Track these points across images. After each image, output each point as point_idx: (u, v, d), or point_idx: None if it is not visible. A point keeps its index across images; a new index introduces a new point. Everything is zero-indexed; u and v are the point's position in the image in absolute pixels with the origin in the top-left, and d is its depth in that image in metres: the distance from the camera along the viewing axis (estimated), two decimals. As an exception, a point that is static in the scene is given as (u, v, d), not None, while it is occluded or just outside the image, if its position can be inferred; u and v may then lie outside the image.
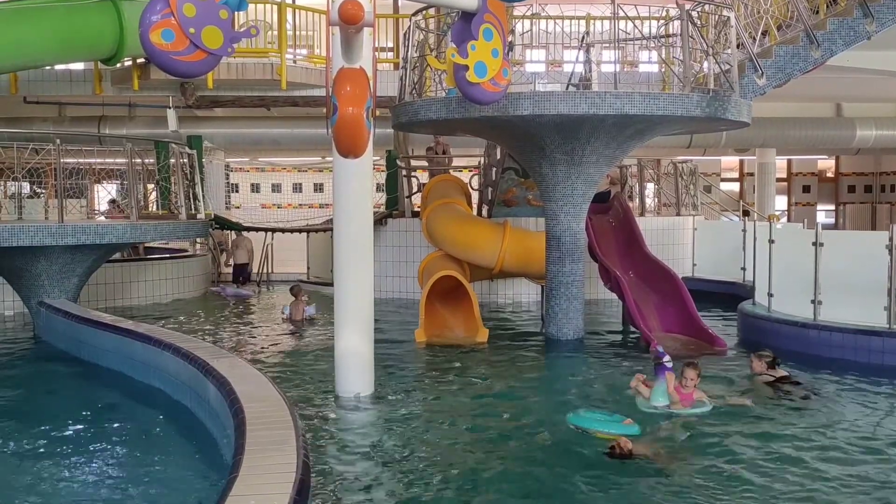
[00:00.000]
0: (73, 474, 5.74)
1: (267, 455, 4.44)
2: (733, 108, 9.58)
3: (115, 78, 15.13)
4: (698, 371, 7.18)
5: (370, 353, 7.80)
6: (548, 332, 10.63)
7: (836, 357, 8.92)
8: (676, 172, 16.02)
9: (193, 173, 13.20)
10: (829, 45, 11.11)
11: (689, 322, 10.40)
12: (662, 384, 7.15)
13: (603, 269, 11.20)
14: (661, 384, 7.16)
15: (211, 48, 5.33)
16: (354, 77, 5.71)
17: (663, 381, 7.16)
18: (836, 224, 26.94)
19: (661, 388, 7.15)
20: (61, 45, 12.31)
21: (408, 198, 14.91)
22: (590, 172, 10.16)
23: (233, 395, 5.72)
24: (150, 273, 14.51)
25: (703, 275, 14.62)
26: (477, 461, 5.91)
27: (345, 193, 7.64)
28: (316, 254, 17.22)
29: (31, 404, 7.83)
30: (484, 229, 12.39)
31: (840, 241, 9.87)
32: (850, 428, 6.66)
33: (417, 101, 10.08)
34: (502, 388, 8.10)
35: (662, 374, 7.18)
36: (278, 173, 23.24)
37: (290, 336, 11.21)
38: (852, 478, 5.51)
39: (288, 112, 18.33)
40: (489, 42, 7.66)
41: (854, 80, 16.63)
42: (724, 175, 27.51)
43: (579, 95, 9.13)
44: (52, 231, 9.98)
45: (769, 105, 17.91)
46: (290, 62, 14.82)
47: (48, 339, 10.45)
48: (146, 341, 8.13)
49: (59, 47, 12.38)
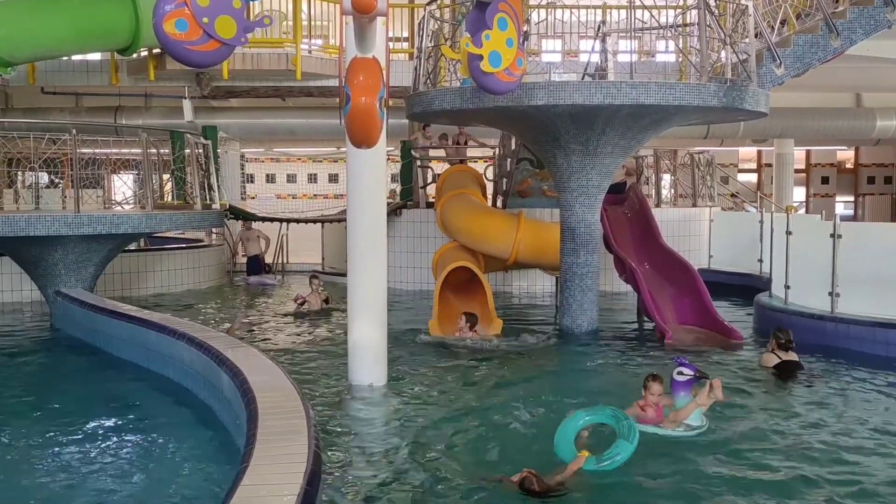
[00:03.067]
0: (85, 463, 5.78)
1: (278, 445, 4.44)
2: (751, 98, 9.47)
3: (131, 68, 15.19)
4: (662, 384, 6.41)
5: (383, 344, 7.80)
6: (562, 324, 10.60)
7: (854, 349, 8.83)
8: (693, 163, 15.90)
9: (208, 163, 13.23)
10: (849, 33, 10.95)
11: (705, 314, 10.33)
12: (688, 398, 6.35)
13: (618, 260, 11.14)
14: (685, 398, 6.36)
15: (224, 38, 5.30)
16: (367, 67, 5.67)
17: (688, 396, 6.37)
18: (855, 215, 26.67)
19: (684, 402, 6.33)
20: (78, 35, 12.38)
21: (422, 188, 14.88)
22: (605, 163, 10.09)
23: (245, 384, 5.73)
24: (166, 263, 14.58)
25: (720, 266, 14.51)
26: (491, 452, 5.89)
27: (358, 184, 7.64)
28: (331, 244, 17.24)
29: (47, 392, 7.88)
30: (498, 220, 12.34)
31: (858, 233, 9.74)
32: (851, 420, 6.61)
33: (432, 91, 10.04)
34: (516, 380, 8.08)
35: (687, 389, 6.39)
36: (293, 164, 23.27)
37: (304, 325, 11.23)
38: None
39: (303, 102, 18.33)
40: (504, 31, 7.61)
41: (874, 70, 16.43)
42: (741, 166, 27.29)
43: (594, 85, 9.06)
44: (69, 221, 10.03)
45: (787, 95, 17.70)
46: (306, 52, 14.82)
47: (64, 328, 10.53)
48: (160, 331, 8.16)
49: (76, 38, 12.45)
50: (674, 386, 6.42)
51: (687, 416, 6.21)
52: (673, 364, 6.54)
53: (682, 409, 6.28)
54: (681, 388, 6.39)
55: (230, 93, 16.51)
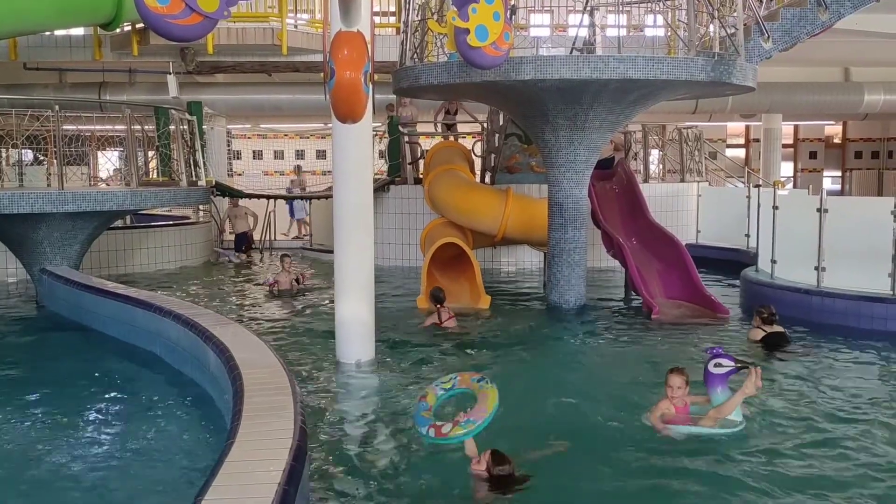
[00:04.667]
0: (73, 441, 5.77)
1: (264, 421, 4.44)
2: (738, 73, 9.44)
3: (114, 43, 15.01)
4: (685, 377, 5.87)
5: (371, 320, 7.79)
6: (550, 299, 10.61)
7: (839, 324, 8.88)
8: (681, 138, 15.88)
9: (194, 140, 13.12)
10: (838, 7, 10.90)
11: (692, 289, 10.37)
12: (726, 392, 5.83)
13: (606, 235, 11.15)
14: (724, 393, 5.84)
15: (207, 11, 5.21)
16: (352, 41, 5.60)
17: (726, 390, 5.84)
18: (843, 190, 26.76)
19: (723, 396, 5.80)
20: (60, 9, 12.18)
21: (410, 164, 14.81)
22: (593, 138, 10.06)
23: (232, 361, 5.72)
24: (152, 240, 14.49)
25: (707, 241, 14.56)
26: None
27: (344, 159, 7.59)
28: (318, 221, 17.18)
29: (33, 370, 7.85)
30: (486, 196, 12.31)
31: (845, 208, 9.78)
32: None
33: (418, 66, 9.97)
34: (503, 355, 8.09)
35: (724, 382, 5.87)
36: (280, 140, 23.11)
37: (291, 303, 11.19)
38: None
39: (289, 78, 18.19)
40: (490, 5, 7.52)
41: (862, 44, 16.41)
42: (729, 141, 27.30)
43: (582, 59, 9.00)
44: (53, 198, 9.95)
45: (775, 69, 17.68)
46: (291, 27, 14.69)
47: (50, 306, 10.47)
48: (147, 308, 8.13)
49: (58, 12, 12.24)
50: (711, 379, 5.87)
51: (732, 411, 5.68)
52: (700, 355, 6.12)
53: (725, 403, 5.71)
54: (718, 382, 5.85)
55: (215, 68, 16.37)
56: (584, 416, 6.15)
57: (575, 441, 5.56)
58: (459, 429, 4.93)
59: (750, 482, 4.89)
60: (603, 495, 4.87)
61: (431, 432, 5.00)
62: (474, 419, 4.95)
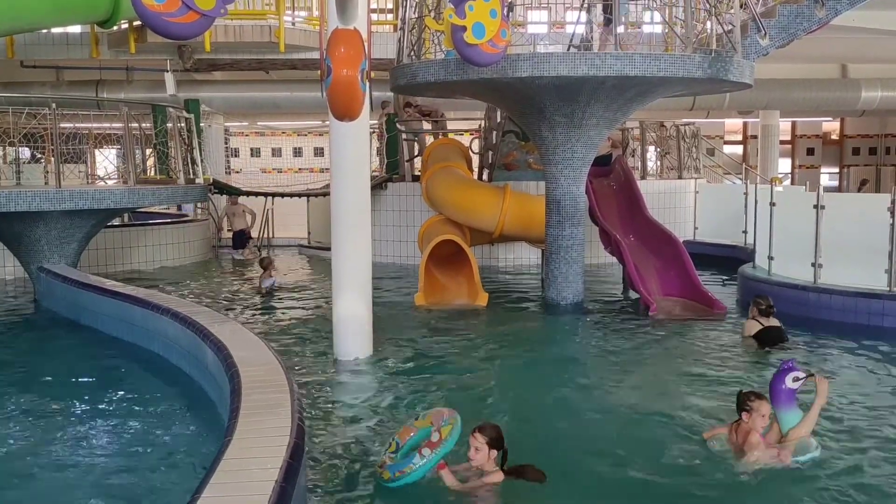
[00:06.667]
0: (70, 438, 5.77)
1: (262, 419, 4.45)
2: (735, 69, 9.45)
3: (111, 41, 14.99)
4: (766, 399, 5.05)
5: (369, 318, 7.80)
6: (547, 296, 10.62)
7: (836, 320, 8.90)
8: (679, 135, 15.89)
9: (191, 137, 13.12)
10: (835, 3, 10.91)
11: (690, 285, 10.38)
12: (798, 412, 5.14)
13: (603, 232, 11.17)
14: (796, 413, 5.14)
15: (203, 9, 5.20)
16: (349, 38, 5.60)
17: (797, 409, 5.15)
18: (840, 187, 26.78)
19: (796, 416, 5.11)
20: (56, 7, 12.18)
21: (408, 161, 14.81)
22: (590, 135, 10.07)
23: (229, 359, 5.73)
24: (150, 238, 14.49)
25: (705, 238, 14.58)
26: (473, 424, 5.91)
27: (342, 157, 7.59)
28: (316, 218, 17.17)
29: (31, 368, 7.85)
30: (484, 193, 12.32)
31: (842, 204, 9.80)
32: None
33: (416, 64, 9.97)
34: (501, 352, 8.11)
35: (794, 399, 5.16)
36: (278, 137, 23.06)
37: (287, 300, 11.19)
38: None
39: (287, 75, 18.16)
40: (487, 2, 7.52)
41: (860, 41, 16.41)
42: (727, 138, 27.29)
43: (579, 57, 9.00)
44: (50, 196, 9.95)
45: (773, 66, 17.69)
46: (289, 24, 14.68)
47: (48, 305, 10.47)
48: (145, 306, 8.13)
49: (55, 10, 12.24)
50: (787, 396, 5.12)
51: (810, 429, 5.04)
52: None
53: (804, 420, 5.05)
54: (793, 398, 5.13)
55: (213, 66, 16.34)
56: (583, 415, 6.16)
57: (574, 441, 5.58)
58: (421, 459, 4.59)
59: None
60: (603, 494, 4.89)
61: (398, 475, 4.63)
62: (432, 449, 4.62)
